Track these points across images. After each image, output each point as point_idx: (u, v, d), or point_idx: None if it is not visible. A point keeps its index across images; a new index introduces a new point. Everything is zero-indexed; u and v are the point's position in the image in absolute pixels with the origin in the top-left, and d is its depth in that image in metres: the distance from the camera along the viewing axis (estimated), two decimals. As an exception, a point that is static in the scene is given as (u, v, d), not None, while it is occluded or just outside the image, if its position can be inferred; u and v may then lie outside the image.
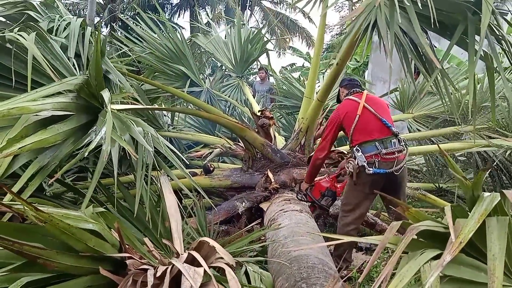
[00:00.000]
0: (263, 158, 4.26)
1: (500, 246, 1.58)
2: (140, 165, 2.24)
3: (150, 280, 1.52)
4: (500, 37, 2.22)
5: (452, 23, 2.15)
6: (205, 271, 1.94)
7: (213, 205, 3.11)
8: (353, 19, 2.32)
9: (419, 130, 5.17)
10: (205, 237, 1.94)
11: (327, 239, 3.97)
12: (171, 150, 2.89)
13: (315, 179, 3.65)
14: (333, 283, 2.34)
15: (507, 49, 2.29)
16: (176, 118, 6.50)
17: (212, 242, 1.89)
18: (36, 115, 2.05)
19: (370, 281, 3.27)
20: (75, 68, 3.05)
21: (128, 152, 2.19)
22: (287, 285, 2.44)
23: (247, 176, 4.22)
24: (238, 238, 3.25)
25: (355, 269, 3.34)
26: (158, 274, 1.58)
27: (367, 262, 3.67)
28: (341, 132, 3.40)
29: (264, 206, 3.88)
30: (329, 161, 4.44)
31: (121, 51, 5.93)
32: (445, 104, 3.41)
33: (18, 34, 2.19)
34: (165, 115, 7.13)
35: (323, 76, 7.97)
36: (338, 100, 3.59)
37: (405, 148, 3.20)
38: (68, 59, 3.01)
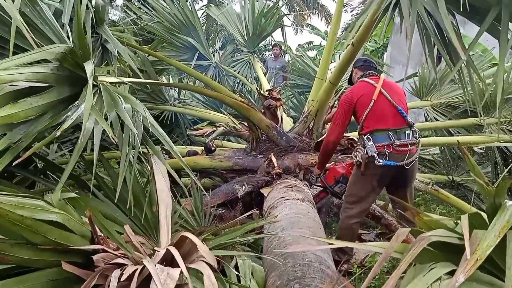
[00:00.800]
0: (267, 141, 4.03)
1: (521, 264, 1.35)
2: (125, 146, 2.03)
3: (113, 285, 1.33)
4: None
5: (484, 7, 1.86)
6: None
7: (202, 189, 2.87)
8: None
9: (436, 120, 4.86)
10: (187, 233, 1.75)
11: (326, 235, 3.85)
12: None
13: (327, 165, 3.43)
14: (331, 285, 2.16)
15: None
16: (184, 92, 6.28)
17: (193, 239, 1.70)
18: (12, 85, 1.85)
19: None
20: (69, 36, 2.82)
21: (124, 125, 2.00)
22: (279, 284, 2.25)
23: (249, 159, 4.01)
24: (232, 227, 3.10)
25: (356, 264, 3.15)
26: (124, 277, 1.39)
27: (370, 256, 3.50)
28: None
29: (265, 191, 3.68)
30: (338, 147, 4.21)
31: (129, 18, 5.70)
32: (467, 94, 3.11)
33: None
34: (171, 88, 6.92)
35: (339, 56, 7.62)
36: (350, 82, 3.31)
37: (418, 141, 2.95)
38: (63, 27, 2.78)
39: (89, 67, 1.86)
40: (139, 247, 1.97)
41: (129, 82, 2.63)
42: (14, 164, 1.55)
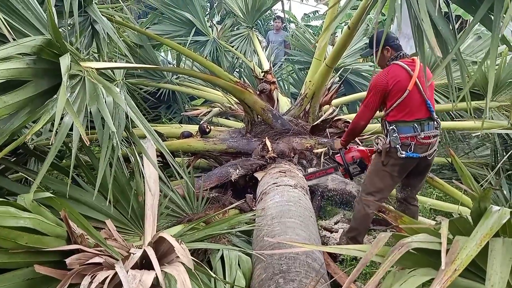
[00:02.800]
0: (263, 123, 3.97)
1: (502, 274, 1.32)
2: (105, 143, 1.98)
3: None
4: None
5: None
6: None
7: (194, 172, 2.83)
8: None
9: (437, 102, 4.73)
10: (164, 233, 1.73)
11: (321, 219, 3.84)
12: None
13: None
14: (314, 282, 2.15)
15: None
16: (183, 65, 6.15)
17: (171, 240, 1.68)
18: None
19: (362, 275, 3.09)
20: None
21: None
22: (265, 277, 2.25)
23: (244, 142, 3.95)
24: (223, 215, 3.09)
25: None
26: (94, 286, 1.37)
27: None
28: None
29: (258, 175, 3.65)
30: (335, 130, 4.15)
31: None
32: (468, 76, 2.98)
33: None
34: (170, 63, 6.80)
35: (341, 31, 7.40)
36: (381, 62, 2.92)
37: (440, 133, 2.88)
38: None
39: (64, 62, 1.78)
40: (120, 244, 1.96)
41: (114, 67, 2.54)
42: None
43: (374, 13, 2.83)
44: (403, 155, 2.75)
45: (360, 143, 3.90)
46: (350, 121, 3.93)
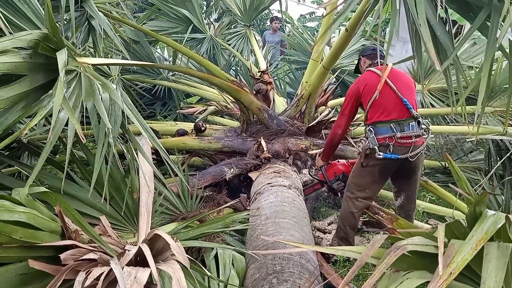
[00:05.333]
0: (258, 123, 3.96)
1: (497, 279, 1.33)
2: (101, 137, 1.97)
3: (76, 289, 1.30)
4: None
5: (476, 4, 1.75)
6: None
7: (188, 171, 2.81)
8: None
9: (433, 106, 4.76)
10: (159, 230, 1.71)
11: (314, 219, 3.85)
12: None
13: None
14: (308, 283, 2.15)
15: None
16: (179, 61, 6.13)
17: (166, 238, 1.67)
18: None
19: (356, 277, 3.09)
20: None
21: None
22: (258, 277, 2.24)
23: (239, 141, 3.94)
24: (217, 214, 3.08)
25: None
26: (88, 282, 1.36)
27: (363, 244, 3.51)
28: None
29: (253, 175, 3.64)
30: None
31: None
32: (464, 80, 3.00)
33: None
34: (166, 60, 6.77)
35: (339, 32, 7.40)
36: (357, 71, 3.23)
37: (426, 133, 2.87)
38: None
39: (61, 57, 1.76)
40: (114, 241, 1.95)
41: (111, 63, 2.52)
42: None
43: (372, 16, 2.85)
44: (381, 156, 2.76)
45: (354, 145, 3.92)
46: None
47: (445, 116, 4.73)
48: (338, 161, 3.38)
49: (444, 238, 1.44)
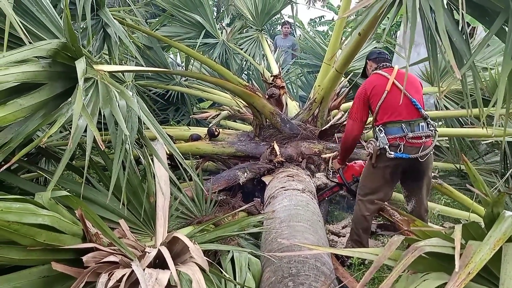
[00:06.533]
0: (271, 127, 3.98)
1: (516, 280, 1.32)
2: (119, 143, 2.01)
3: (100, 293, 1.34)
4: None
5: (492, 9, 1.75)
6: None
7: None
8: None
9: (447, 108, 4.72)
10: (179, 233, 1.74)
11: (328, 223, 3.84)
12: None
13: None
14: (325, 286, 2.15)
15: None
16: (191, 66, 6.19)
17: (185, 240, 1.70)
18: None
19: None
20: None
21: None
22: (274, 280, 2.25)
23: (252, 145, 3.97)
24: (232, 218, 3.10)
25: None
26: (111, 283, 1.40)
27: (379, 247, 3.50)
28: None
29: (266, 179, 3.66)
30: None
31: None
32: (480, 82, 2.99)
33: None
34: (179, 65, 6.84)
35: (351, 35, 7.39)
36: (364, 75, 3.27)
37: (434, 134, 2.87)
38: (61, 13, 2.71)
39: (80, 65, 1.80)
40: (133, 244, 1.98)
41: (126, 70, 2.57)
42: (1, 170, 1.53)
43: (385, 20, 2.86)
44: (392, 156, 2.77)
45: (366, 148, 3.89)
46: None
47: (459, 118, 4.69)
48: (355, 163, 3.39)
49: (461, 239, 1.44)
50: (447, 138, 4.98)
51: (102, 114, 2.14)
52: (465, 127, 4.43)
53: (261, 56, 6.63)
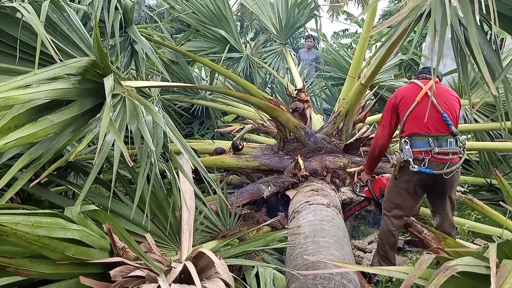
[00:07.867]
0: (295, 141, 3.97)
1: (555, 305, 1.26)
2: (145, 158, 2.04)
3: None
4: None
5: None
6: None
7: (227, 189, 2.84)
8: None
9: (476, 121, 4.59)
10: (204, 248, 1.75)
11: (354, 238, 3.77)
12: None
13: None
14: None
15: None
16: (215, 80, 6.27)
17: (211, 256, 1.70)
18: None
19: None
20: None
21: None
22: (299, 297, 2.22)
23: (276, 159, 3.96)
24: (257, 232, 3.09)
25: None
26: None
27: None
28: None
29: (290, 193, 3.63)
30: (368, 149, 4.09)
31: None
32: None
33: (21, 5, 1.99)
34: (203, 79, 6.94)
35: (375, 46, 7.34)
36: None
37: (463, 151, 2.78)
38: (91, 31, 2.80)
39: (108, 83, 1.85)
40: (159, 258, 1.99)
41: (153, 86, 2.62)
42: (32, 184, 1.58)
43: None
44: (415, 169, 2.69)
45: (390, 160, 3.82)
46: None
47: (489, 132, 4.55)
48: (383, 176, 3.32)
49: (496, 259, 1.39)
50: (476, 152, 4.84)
51: (129, 128, 2.19)
52: (495, 141, 4.30)
53: (285, 69, 6.65)
